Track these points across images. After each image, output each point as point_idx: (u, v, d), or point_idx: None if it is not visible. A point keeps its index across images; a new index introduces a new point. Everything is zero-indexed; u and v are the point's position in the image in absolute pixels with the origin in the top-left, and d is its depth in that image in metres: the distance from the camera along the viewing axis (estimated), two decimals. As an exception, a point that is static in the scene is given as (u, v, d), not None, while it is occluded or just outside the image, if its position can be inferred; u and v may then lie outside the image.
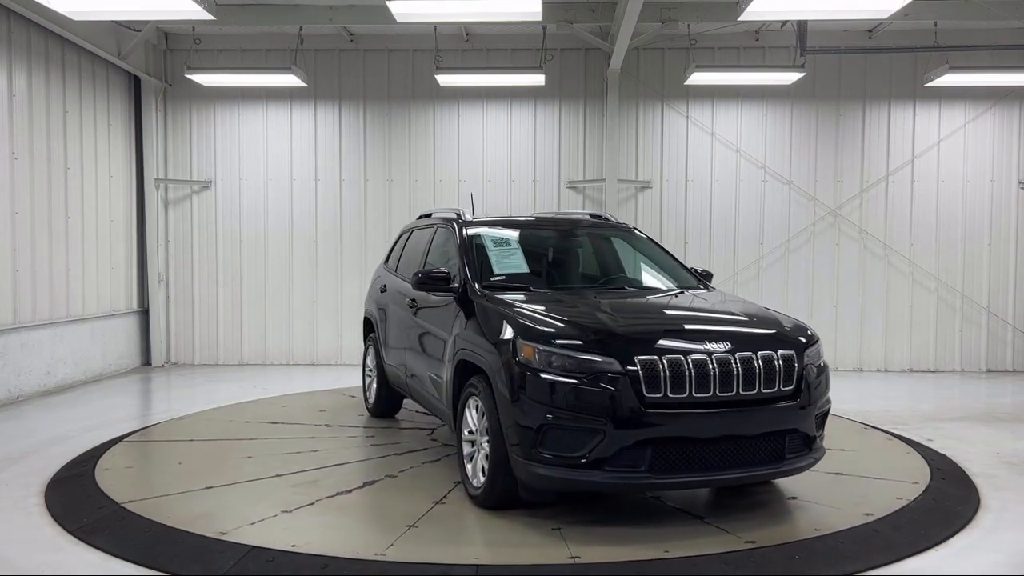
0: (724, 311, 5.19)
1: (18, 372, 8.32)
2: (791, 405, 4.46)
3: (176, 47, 10.78)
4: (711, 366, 4.28)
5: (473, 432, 4.88)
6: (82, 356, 9.44)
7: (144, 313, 10.85)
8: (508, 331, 4.55)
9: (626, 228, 6.51)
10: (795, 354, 4.53)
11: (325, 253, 10.92)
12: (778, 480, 5.07)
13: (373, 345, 7.30)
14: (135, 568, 3.96)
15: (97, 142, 9.87)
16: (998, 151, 10.63)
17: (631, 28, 8.84)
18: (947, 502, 4.98)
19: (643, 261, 6.27)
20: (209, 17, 7.15)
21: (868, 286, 10.69)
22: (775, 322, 4.85)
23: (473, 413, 4.87)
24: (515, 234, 5.97)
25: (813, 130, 10.71)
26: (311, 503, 4.82)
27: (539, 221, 6.61)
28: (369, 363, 7.47)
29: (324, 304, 10.91)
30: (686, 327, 4.75)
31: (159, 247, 10.80)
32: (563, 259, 6.24)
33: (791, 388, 4.48)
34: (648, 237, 6.49)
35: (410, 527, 4.42)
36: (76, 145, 9.43)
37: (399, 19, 7.28)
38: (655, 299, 5.55)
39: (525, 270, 5.71)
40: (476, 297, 5.13)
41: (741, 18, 7.18)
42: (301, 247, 10.93)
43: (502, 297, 5.04)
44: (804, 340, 4.69)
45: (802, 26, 9.38)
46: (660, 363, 4.23)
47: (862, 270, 10.70)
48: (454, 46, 10.61)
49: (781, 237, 10.70)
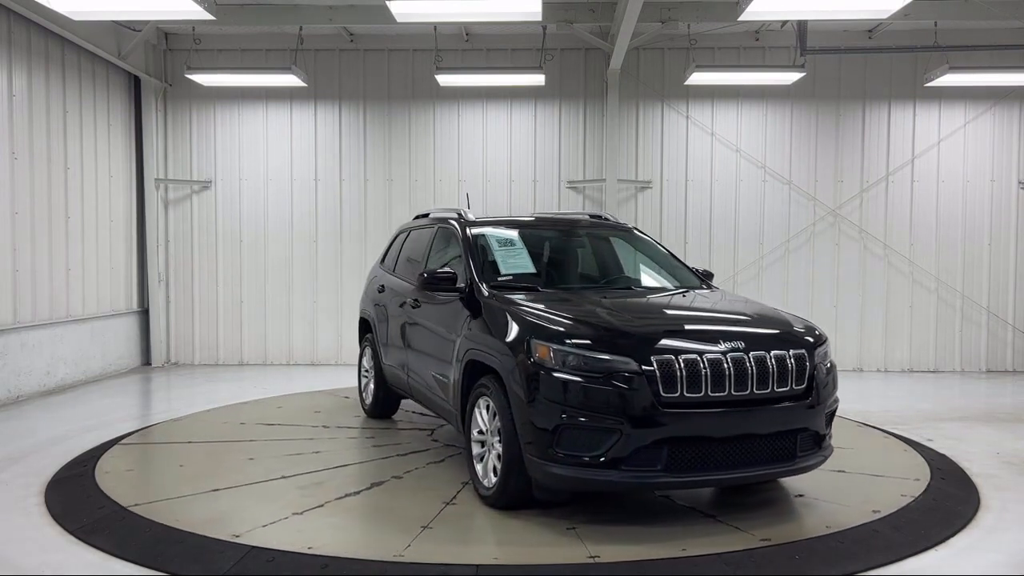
0: (734, 311, 5.20)
1: (18, 372, 8.32)
2: (802, 404, 4.50)
3: (176, 47, 10.79)
4: (726, 365, 4.30)
5: (483, 432, 4.87)
6: (82, 356, 9.44)
7: (144, 313, 10.85)
8: (522, 331, 4.54)
9: (627, 228, 6.53)
10: (806, 353, 4.57)
11: (325, 253, 10.92)
12: (783, 478, 5.07)
13: (370, 345, 7.28)
14: (135, 568, 3.96)
15: (97, 142, 9.87)
16: (998, 151, 10.63)
17: (631, 28, 8.84)
18: (947, 502, 4.98)
19: (646, 261, 6.29)
20: (209, 17, 7.16)
21: (868, 286, 10.70)
22: (785, 322, 4.89)
23: (484, 413, 4.85)
24: (519, 234, 5.97)
25: (813, 130, 10.71)
26: (320, 505, 4.80)
27: (542, 221, 6.60)
28: (365, 364, 7.44)
29: (324, 304, 10.91)
30: (700, 327, 4.75)
31: (159, 247, 10.80)
32: (567, 259, 6.25)
33: (802, 387, 4.52)
34: (649, 237, 6.51)
35: (424, 528, 4.41)
36: (76, 145, 9.43)
37: (399, 19, 7.28)
38: (663, 299, 5.57)
39: (531, 270, 5.70)
40: (484, 297, 5.12)
41: (741, 18, 7.19)
42: (301, 247, 10.93)
43: (511, 297, 5.03)
44: (814, 339, 4.72)
45: (802, 26, 9.38)
46: (676, 363, 4.24)
47: (862, 270, 10.70)
48: (454, 46, 10.61)
49: (781, 237, 10.70)
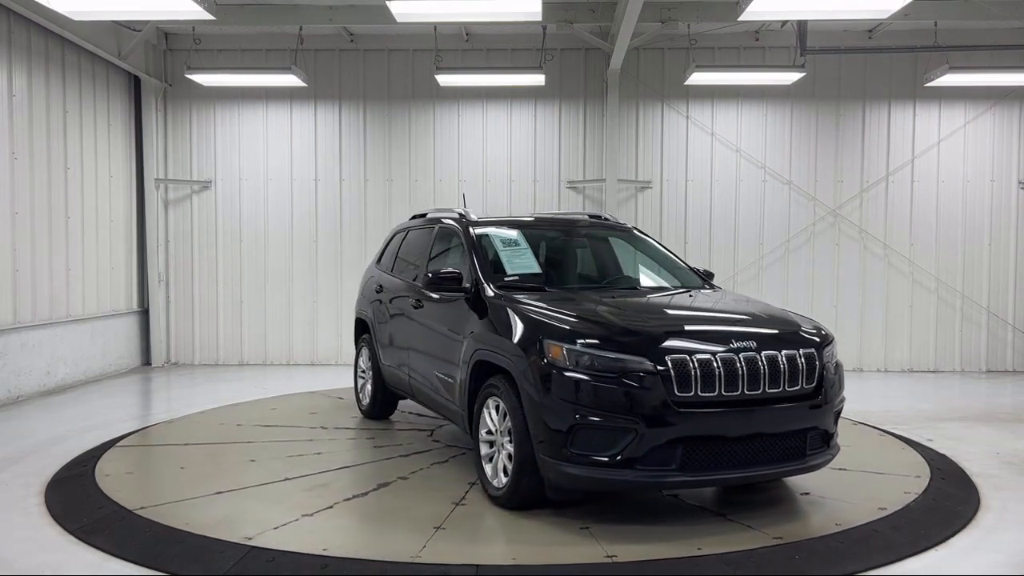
0: (743, 311, 5.21)
1: (18, 372, 8.32)
2: (812, 403, 4.53)
3: (176, 47, 10.79)
4: (739, 365, 4.32)
5: (492, 432, 4.86)
6: (82, 356, 9.44)
7: (144, 313, 10.85)
8: (534, 331, 4.54)
9: (627, 228, 6.55)
10: (815, 352, 4.60)
11: (325, 253, 10.92)
12: (792, 476, 5.07)
13: (367, 346, 7.26)
14: (135, 568, 3.96)
15: (97, 142, 9.87)
16: (998, 151, 10.63)
17: (631, 28, 8.84)
18: (947, 502, 4.98)
19: (648, 261, 6.31)
20: (209, 17, 7.16)
21: (868, 286, 10.69)
22: (794, 321, 4.91)
23: (493, 413, 4.85)
24: (523, 234, 5.96)
25: (813, 130, 10.71)
26: (329, 506, 4.78)
27: (544, 221, 6.61)
28: (362, 364, 7.41)
29: (324, 304, 10.91)
30: (712, 327, 4.76)
31: (159, 247, 10.80)
32: (571, 259, 6.26)
33: (812, 386, 4.55)
34: (650, 238, 6.54)
35: (438, 528, 4.41)
36: (76, 145, 9.43)
37: (399, 19, 7.28)
38: (670, 299, 5.59)
39: (537, 270, 5.69)
40: (491, 298, 5.11)
41: (741, 18, 7.19)
42: (301, 247, 10.93)
43: (519, 298, 5.02)
44: (821, 339, 4.75)
45: (802, 26, 9.38)
46: (690, 362, 4.25)
47: (862, 270, 10.70)
48: (454, 46, 10.61)
49: (781, 237, 10.70)
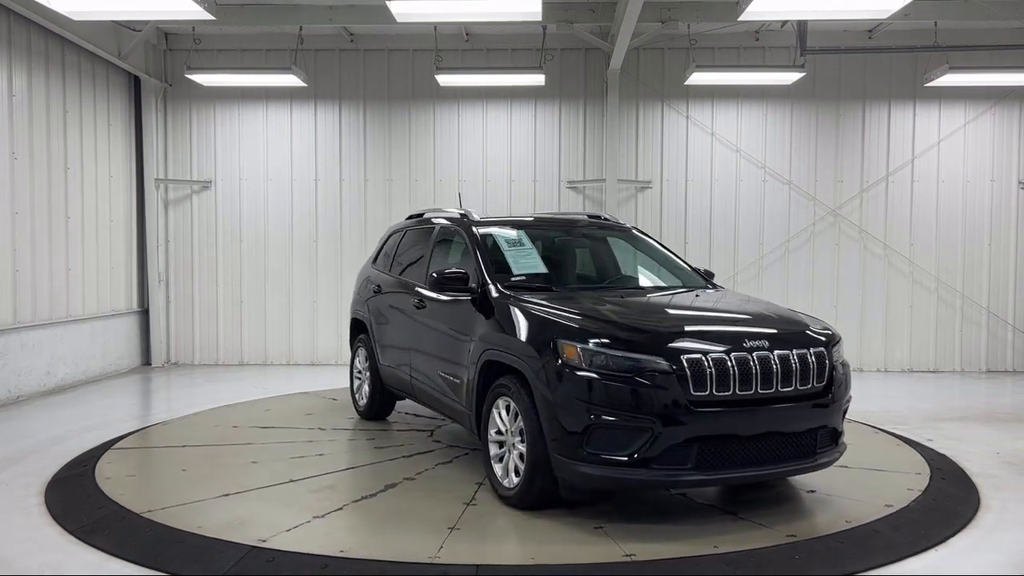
0: (752, 310, 5.23)
1: (18, 372, 8.32)
2: (822, 401, 4.56)
3: (176, 47, 10.79)
4: (752, 364, 4.34)
5: (502, 432, 4.86)
6: (82, 356, 9.44)
7: (144, 313, 10.85)
8: (547, 332, 4.55)
9: (628, 229, 6.58)
10: (825, 351, 4.63)
11: (325, 253, 10.92)
12: (802, 474, 5.10)
13: (363, 347, 7.23)
14: (135, 568, 3.95)
15: (97, 142, 9.87)
16: (998, 151, 10.63)
17: (631, 28, 8.84)
18: (947, 502, 4.99)
19: (652, 261, 6.33)
20: (209, 17, 7.16)
21: (868, 286, 10.69)
22: (802, 321, 4.95)
23: (503, 413, 4.84)
24: (526, 234, 5.96)
25: (813, 130, 10.71)
26: (339, 508, 4.76)
27: (547, 221, 6.62)
28: (359, 365, 7.39)
29: (324, 304, 10.91)
30: (724, 328, 4.78)
31: (159, 247, 10.80)
32: (576, 259, 6.27)
33: (822, 385, 4.58)
34: (651, 238, 6.58)
35: (452, 529, 4.41)
36: (76, 145, 9.43)
37: (399, 19, 7.28)
38: (678, 298, 5.60)
39: (543, 270, 5.69)
40: (499, 298, 5.10)
41: (741, 18, 7.19)
42: (301, 247, 10.93)
43: (529, 298, 5.02)
44: (830, 338, 4.78)
45: (802, 26, 9.38)
46: (705, 361, 4.27)
47: (862, 270, 10.70)
48: (454, 46, 10.61)
49: (781, 237, 10.70)
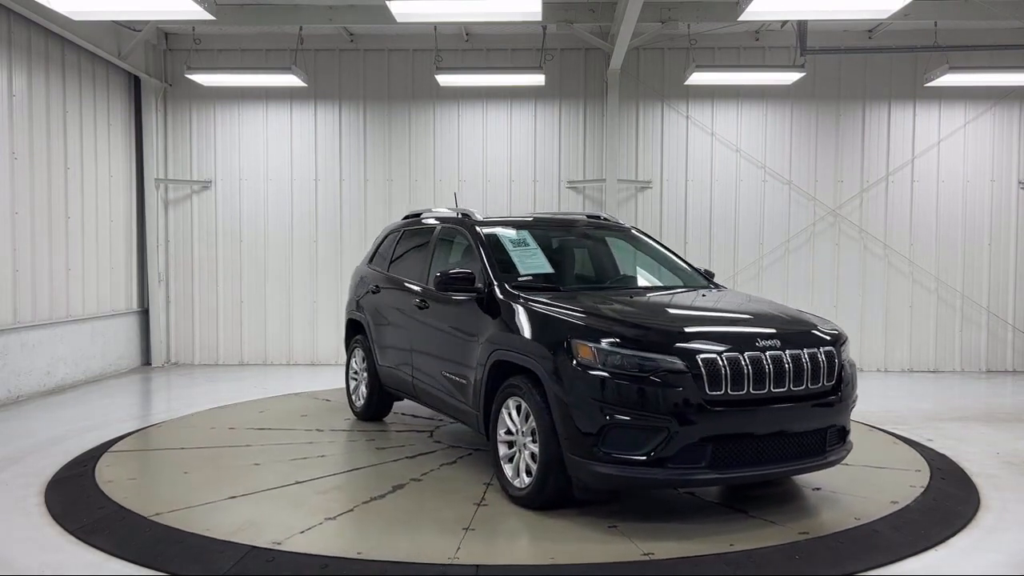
0: (761, 310, 5.24)
1: (18, 372, 8.32)
2: (832, 400, 4.60)
3: (176, 47, 10.79)
4: (766, 363, 4.37)
5: (512, 432, 4.86)
6: (82, 356, 9.44)
7: (144, 313, 10.86)
8: (561, 331, 4.55)
9: (627, 229, 6.60)
10: (834, 350, 4.67)
11: (325, 253, 10.92)
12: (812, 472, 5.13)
13: (360, 347, 7.21)
14: (135, 568, 3.95)
15: (97, 142, 9.87)
16: (998, 151, 10.63)
17: (631, 28, 8.84)
18: (947, 502, 4.99)
19: (654, 261, 6.35)
20: (209, 17, 7.15)
21: (868, 286, 10.69)
22: (810, 320, 4.97)
23: (513, 414, 4.84)
24: (530, 235, 5.96)
25: (813, 130, 10.71)
26: (350, 509, 4.73)
27: (550, 221, 6.62)
28: (355, 365, 7.35)
29: (324, 304, 10.91)
30: (737, 328, 4.80)
31: (159, 247, 10.80)
32: (579, 259, 6.28)
33: (832, 384, 4.62)
34: (652, 239, 6.60)
35: (466, 529, 4.40)
36: (76, 145, 9.43)
37: (399, 19, 7.28)
38: (685, 298, 5.61)
39: (549, 270, 5.69)
40: (507, 298, 5.10)
41: (741, 18, 7.19)
42: (301, 247, 10.93)
43: (538, 298, 5.01)
44: (838, 337, 4.81)
45: (802, 26, 9.38)
46: (720, 361, 4.28)
47: (862, 270, 10.70)
48: (454, 46, 10.61)
49: (781, 237, 10.70)
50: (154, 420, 7.36)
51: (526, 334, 4.79)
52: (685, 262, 6.33)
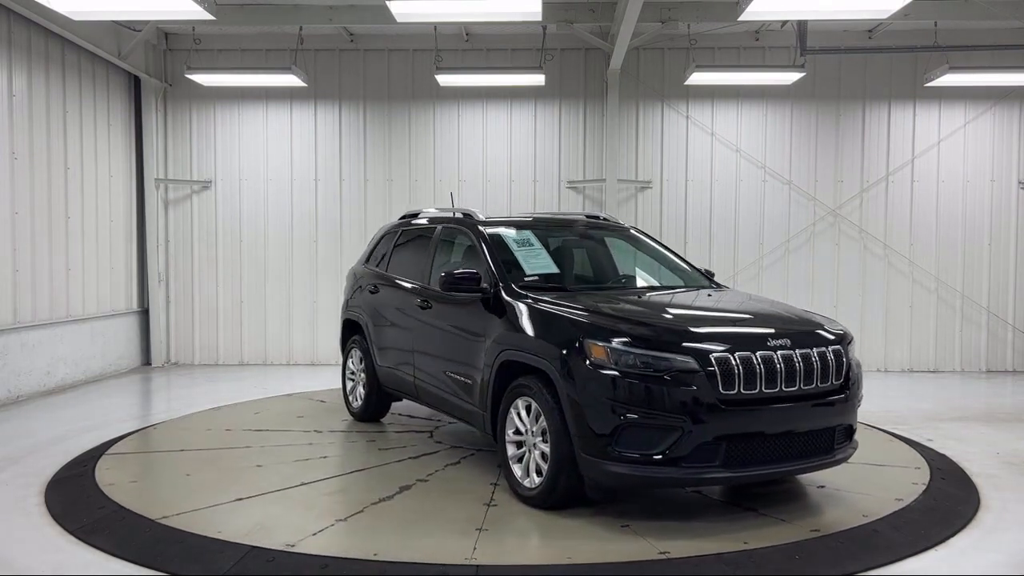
0: (768, 310, 5.25)
1: (18, 372, 8.32)
2: (841, 399, 4.64)
3: (176, 47, 10.79)
4: (777, 362, 4.40)
5: (521, 432, 4.86)
6: (82, 356, 9.44)
7: (144, 313, 10.85)
8: (573, 331, 4.55)
9: (626, 229, 6.61)
10: (842, 349, 4.71)
11: (325, 253, 10.92)
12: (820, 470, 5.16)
13: (358, 348, 7.17)
14: (135, 568, 3.95)
15: (97, 142, 9.87)
16: (998, 151, 10.63)
17: (631, 28, 8.84)
18: (947, 502, 4.99)
19: (656, 261, 6.35)
20: (209, 17, 7.15)
21: (868, 286, 10.69)
22: (817, 320, 5.01)
23: (523, 414, 4.84)
24: (534, 235, 5.95)
25: (813, 130, 10.71)
26: (360, 510, 4.71)
27: (551, 221, 6.62)
28: (352, 366, 7.32)
29: (324, 304, 10.90)
30: (749, 328, 4.82)
31: (159, 247, 10.80)
32: (583, 258, 6.28)
33: (840, 382, 4.66)
34: (653, 238, 6.61)
35: (480, 530, 4.39)
36: (76, 145, 9.43)
37: (399, 19, 7.28)
38: (692, 298, 5.62)
39: (555, 270, 5.69)
40: (514, 298, 5.09)
41: (741, 18, 7.19)
42: (301, 247, 10.93)
43: (547, 297, 5.01)
44: (844, 336, 4.85)
45: (802, 26, 9.38)
46: (733, 360, 4.31)
47: (862, 270, 10.70)
48: (454, 46, 10.61)
49: (781, 237, 10.70)
50: (154, 420, 7.36)
51: (536, 334, 4.79)
52: (686, 262, 6.34)
